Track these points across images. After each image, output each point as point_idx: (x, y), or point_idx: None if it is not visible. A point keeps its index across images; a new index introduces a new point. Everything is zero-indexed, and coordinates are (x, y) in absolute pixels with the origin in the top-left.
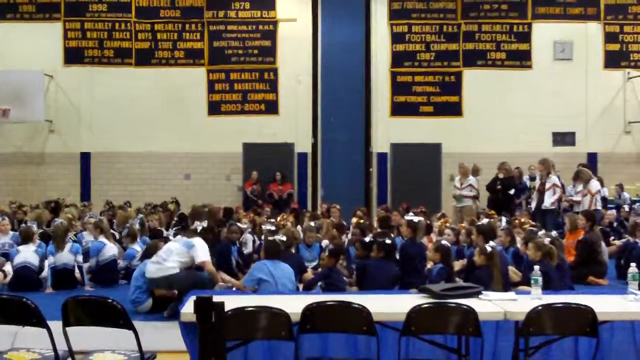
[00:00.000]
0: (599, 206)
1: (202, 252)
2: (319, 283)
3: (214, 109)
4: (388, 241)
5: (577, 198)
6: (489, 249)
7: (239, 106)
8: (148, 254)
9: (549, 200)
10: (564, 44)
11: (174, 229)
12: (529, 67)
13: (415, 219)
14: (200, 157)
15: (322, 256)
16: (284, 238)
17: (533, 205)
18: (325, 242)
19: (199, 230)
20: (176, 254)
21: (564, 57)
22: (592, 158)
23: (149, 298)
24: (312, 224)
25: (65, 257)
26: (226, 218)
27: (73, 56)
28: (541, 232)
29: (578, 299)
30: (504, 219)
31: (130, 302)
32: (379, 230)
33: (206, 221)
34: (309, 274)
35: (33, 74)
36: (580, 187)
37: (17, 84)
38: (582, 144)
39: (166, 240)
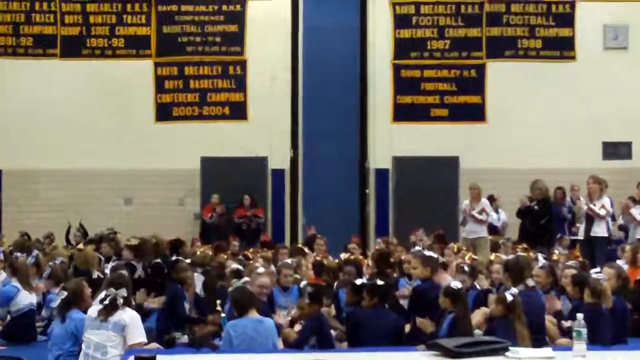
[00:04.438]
0: None
1: (137, 331)
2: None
3: (164, 113)
4: (380, 282)
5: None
6: (509, 297)
7: (196, 110)
8: (71, 299)
9: (600, 227)
10: (616, 29)
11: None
12: (572, 58)
13: (431, 254)
14: (145, 175)
15: (300, 303)
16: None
17: (580, 233)
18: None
19: (140, 276)
20: (110, 347)
21: (617, 46)
22: None
23: None
24: (289, 261)
25: None
26: (174, 253)
27: None
28: (594, 271)
29: (633, 356)
30: (540, 255)
31: None
32: (375, 270)
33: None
34: (291, 331)
35: None
36: None
37: None
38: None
39: (92, 282)
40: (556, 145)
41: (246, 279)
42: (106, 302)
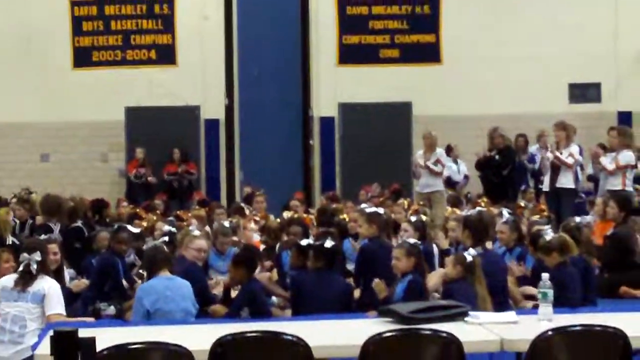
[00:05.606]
0: (630, 186)
1: (55, 301)
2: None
3: (83, 58)
4: (328, 244)
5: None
6: (468, 257)
7: (119, 54)
8: None
9: (567, 177)
10: None
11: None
12: None
13: (376, 210)
14: (64, 128)
15: (229, 267)
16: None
17: (545, 184)
18: None
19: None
20: (30, 319)
21: None
22: (625, 119)
23: None
24: (226, 223)
25: None
26: (96, 215)
27: None
28: (547, 227)
29: (605, 318)
30: (505, 210)
31: None
32: (318, 229)
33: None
34: (219, 308)
35: None
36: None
37: None
38: (610, 100)
39: (12, 247)
40: (518, 89)
41: (165, 238)
42: (21, 269)
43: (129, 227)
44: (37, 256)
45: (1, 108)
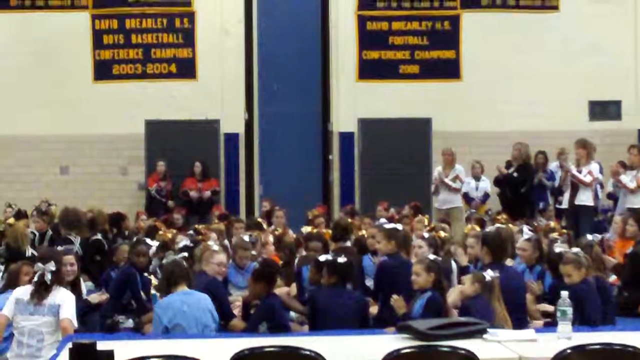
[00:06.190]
0: None
1: (68, 309)
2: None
3: (103, 71)
4: (341, 260)
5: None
6: (487, 277)
7: (140, 67)
8: (10, 283)
9: (586, 195)
10: None
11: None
12: (555, 8)
13: (395, 226)
14: (83, 141)
15: (249, 281)
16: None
17: (565, 202)
18: None
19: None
20: (47, 332)
21: None
22: None
23: None
24: (246, 237)
25: None
26: (114, 228)
27: None
28: (558, 245)
29: (624, 337)
30: (526, 227)
31: None
32: (336, 243)
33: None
34: (239, 323)
35: None
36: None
37: None
38: (630, 118)
39: (32, 259)
40: (538, 106)
41: (184, 254)
42: (35, 280)
43: (148, 240)
44: (52, 266)
45: (21, 121)
